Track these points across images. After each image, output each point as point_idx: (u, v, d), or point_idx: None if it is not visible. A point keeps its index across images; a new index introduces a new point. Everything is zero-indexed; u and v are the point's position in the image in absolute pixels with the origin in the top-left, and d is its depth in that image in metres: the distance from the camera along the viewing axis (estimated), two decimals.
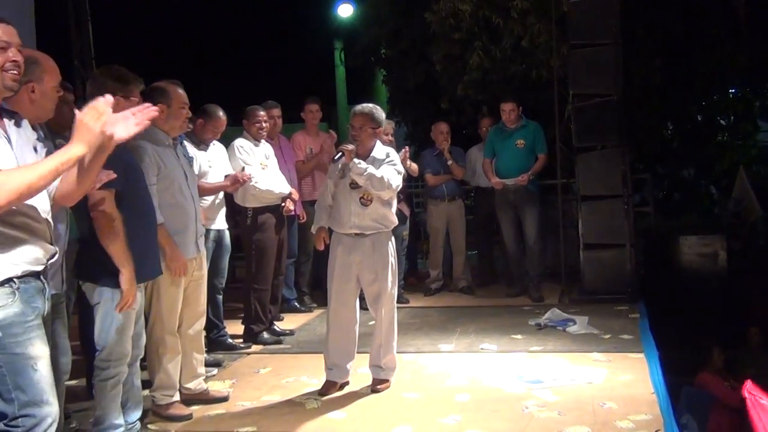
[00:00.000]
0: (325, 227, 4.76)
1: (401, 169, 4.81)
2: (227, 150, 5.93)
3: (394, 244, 4.83)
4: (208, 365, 4.93)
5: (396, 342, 4.82)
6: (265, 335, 6.04)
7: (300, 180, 6.89)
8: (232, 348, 5.83)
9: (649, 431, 3.85)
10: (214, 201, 5.59)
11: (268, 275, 6.04)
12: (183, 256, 4.15)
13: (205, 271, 4.62)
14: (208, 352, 5.15)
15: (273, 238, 6.02)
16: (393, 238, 4.84)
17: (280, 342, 6.04)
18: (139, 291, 3.75)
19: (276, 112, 6.59)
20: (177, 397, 4.35)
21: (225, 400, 4.60)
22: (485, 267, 8.59)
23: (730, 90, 11.19)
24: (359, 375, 4.90)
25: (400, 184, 4.76)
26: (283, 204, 6.10)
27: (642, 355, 5.21)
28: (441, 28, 9.37)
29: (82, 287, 3.64)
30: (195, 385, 4.54)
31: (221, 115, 5.59)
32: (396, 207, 4.92)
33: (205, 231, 4.94)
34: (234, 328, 6.14)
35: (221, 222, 5.70)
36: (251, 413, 4.39)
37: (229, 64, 13.88)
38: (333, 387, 4.71)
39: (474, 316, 6.80)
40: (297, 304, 7.18)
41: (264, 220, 5.98)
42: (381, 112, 4.77)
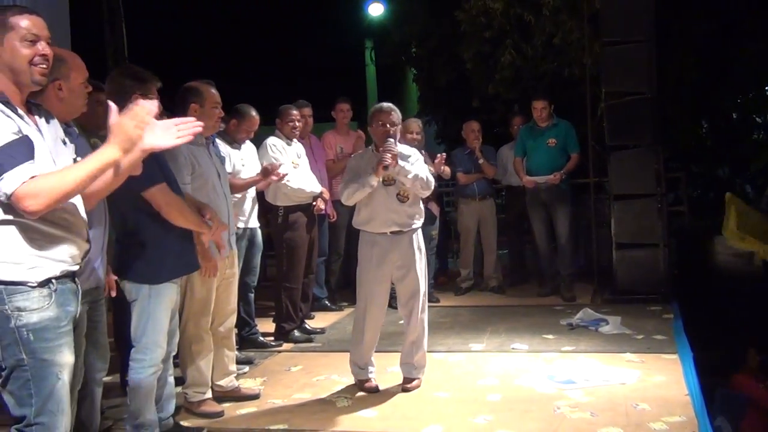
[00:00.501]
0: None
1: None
2: (259, 149, 5.96)
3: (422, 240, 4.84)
4: (239, 363, 4.97)
5: (426, 340, 4.83)
6: (296, 333, 6.07)
7: (330, 179, 6.90)
8: (263, 346, 5.86)
9: None
10: (245, 198, 5.60)
11: (299, 274, 6.06)
12: (214, 256, 4.16)
13: (237, 270, 4.65)
14: (239, 349, 5.19)
15: (304, 236, 6.05)
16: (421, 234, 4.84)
17: (310, 340, 6.07)
18: (176, 288, 3.79)
19: (307, 111, 6.63)
20: (209, 395, 4.38)
21: (256, 397, 4.63)
22: (516, 266, 8.55)
23: (766, 87, 11.01)
24: (390, 374, 4.91)
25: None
26: (314, 203, 6.13)
27: (676, 356, 5.15)
28: (472, 26, 9.35)
29: (119, 284, 3.68)
30: (227, 383, 4.57)
31: (254, 115, 5.62)
32: (425, 206, 4.92)
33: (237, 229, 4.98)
34: (265, 326, 6.18)
35: (254, 220, 5.72)
36: (282, 411, 4.41)
37: (261, 63, 13.93)
38: (372, 386, 4.74)
39: (505, 315, 6.77)
40: (328, 302, 7.21)
41: (295, 218, 6.01)
42: None
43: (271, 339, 6.02)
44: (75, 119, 3.24)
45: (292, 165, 5.98)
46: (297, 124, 6.11)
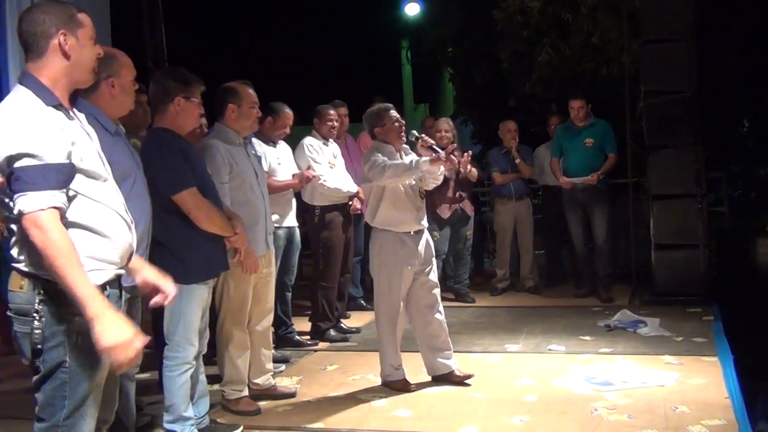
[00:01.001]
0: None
1: None
2: (295, 149, 6.00)
3: None
4: (275, 361, 4.99)
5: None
6: (332, 332, 6.09)
7: None
8: (299, 345, 5.89)
9: None
10: (283, 197, 5.63)
11: (335, 273, 6.09)
12: (255, 253, 4.19)
13: (274, 268, 4.68)
14: (275, 348, 5.21)
15: (340, 236, 6.07)
16: None
17: (346, 339, 6.09)
18: (207, 287, 3.83)
19: (343, 111, 6.65)
20: (246, 392, 4.41)
21: (292, 395, 4.65)
22: (553, 267, 8.49)
23: None
24: (423, 373, 4.90)
25: None
26: (350, 202, 6.15)
27: (716, 359, 5.08)
28: (509, 25, 9.31)
29: None
30: (263, 381, 4.60)
31: (288, 111, 5.64)
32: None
33: (275, 228, 5.02)
34: (301, 325, 6.21)
35: (292, 219, 5.74)
36: (318, 409, 4.42)
37: (298, 63, 14.01)
38: (409, 385, 4.76)
39: (541, 316, 6.73)
40: (363, 302, 7.22)
41: (331, 218, 6.03)
42: None
43: (307, 338, 6.05)
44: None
45: (328, 165, 6.01)
46: (335, 124, 6.15)
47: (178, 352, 3.73)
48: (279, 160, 5.65)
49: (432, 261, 4.84)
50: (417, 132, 4.99)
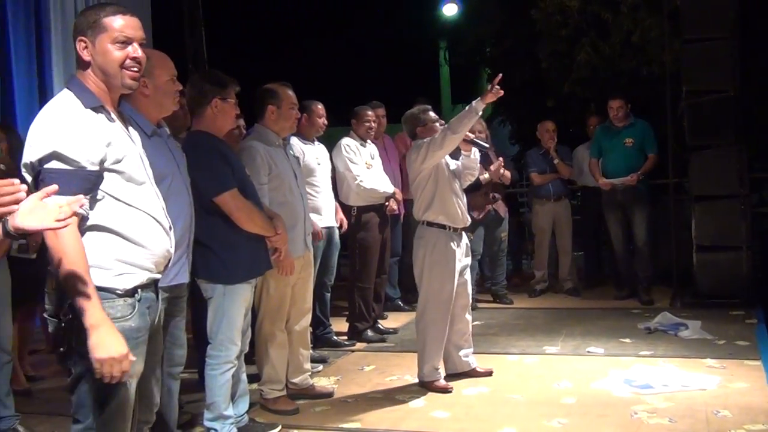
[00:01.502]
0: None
1: None
2: (333, 149, 6.03)
3: None
4: (313, 361, 5.02)
5: None
6: (369, 333, 6.11)
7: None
8: (336, 345, 5.92)
9: None
10: (322, 197, 5.65)
11: (371, 273, 6.11)
12: (291, 255, 4.21)
13: (312, 269, 4.70)
14: (313, 348, 5.25)
15: (376, 236, 6.09)
16: None
17: (383, 340, 6.10)
18: (249, 287, 3.86)
19: (381, 111, 6.67)
20: (284, 392, 4.44)
21: (330, 395, 4.67)
22: (592, 268, 8.42)
23: None
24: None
25: None
26: (387, 203, 6.15)
27: (759, 363, 4.98)
28: (548, 25, 9.25)
29: (197, 283, 3.77)
30: (301, 381, 4.63)
31: (318, 104, 5.62)
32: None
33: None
34: (339, 325, 6.24)
35: (331, 219, 5.76)
36: (355, 410, 4.44)
37: (336, 64, 14.08)
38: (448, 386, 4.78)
39: (580, 318, 6.68)
40: (400, 302, 7.23)
41: (368, 218, 6.05)
42: None
43: (345, 338, 6.07)
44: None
45: (365, 165, 6.03)
46: (372, 125, 6.17)
47: (221, 351, 3.77)
48: (318, 160, 5.67)
49: (469, 261, 4.90)
50: None
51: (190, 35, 9.21)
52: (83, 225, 2.31)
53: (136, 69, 2.45)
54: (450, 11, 13.01)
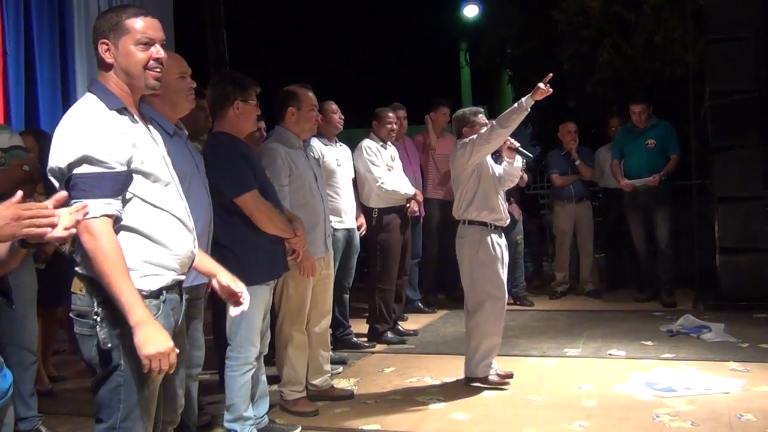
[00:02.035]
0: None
1: None
2: (354, 151, 6.03)
3: None
4: (333, 363, 5.04)
5: None
6: (389, 335, 6.11)
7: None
8: (356, 346, 5.93)
9: None
10: (343, 199, 5.65)
11: (393, 275, 6.10)
12: (313, 256, 4.22)
13: (332, 270, 4.71)
14: (333, 350, 5.26)
15: (397, 238, 6.08)
16: None
17: (403, 342, 6.10)
18: (268, 289, 3.88)
19: (402, 113, 6.68)
20: (304, 393, 4.46)
21: (350, 397, 4.68)
22: (614, 270, 8.36)
23: None
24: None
25: None
26: (408, 205, 6.15)
27: None
28: (569, 25, 9.19)
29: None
30: (321, 382, 4.64)
31: (331, 103, 5.62)
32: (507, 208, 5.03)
33: (334, 230, 5.06)
34: (359, 327, 6.24)
35: (351, 221, 5.76)
36: (375, 411, 4.44)
37: (356, 66, 14.09)
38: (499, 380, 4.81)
39: (601, 320, 6.64)
40: (421, 304, 7.22)
41: (389, 220, 6.05)
42: None
43: (365, 340, 6.07)
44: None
45: (386, 167, 6.04)
46: (393, 126, 6.17)
47: (240, 352, 3.78)
48: (339, 161, 5.68)
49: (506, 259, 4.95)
50: None
51: (211, 38, 9.25)
52: (117, 225, 2.33)
53: (159, 70, 2.46)
54: (471, 13, 13.00)
